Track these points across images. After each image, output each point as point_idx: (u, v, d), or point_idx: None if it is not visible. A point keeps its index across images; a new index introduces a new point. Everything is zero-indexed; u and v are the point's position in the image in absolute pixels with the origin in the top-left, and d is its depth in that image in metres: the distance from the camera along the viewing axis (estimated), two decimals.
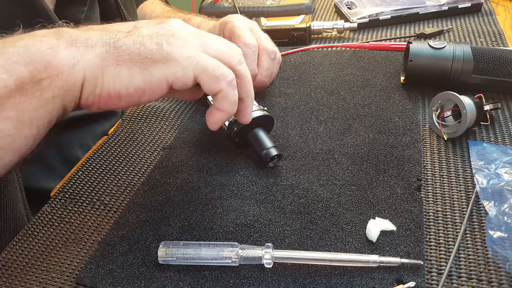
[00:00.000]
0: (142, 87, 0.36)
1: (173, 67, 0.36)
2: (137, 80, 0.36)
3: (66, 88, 0.34)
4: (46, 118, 0.34)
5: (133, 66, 0.35)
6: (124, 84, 0.36)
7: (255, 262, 0.39)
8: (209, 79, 0.38)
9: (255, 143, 0.51)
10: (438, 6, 0.83)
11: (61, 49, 0.33)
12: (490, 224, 0.41)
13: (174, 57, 0.36)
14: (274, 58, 0.61)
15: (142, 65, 0.36)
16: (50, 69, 0.33)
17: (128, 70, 0.35)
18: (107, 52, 0.35)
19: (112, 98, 0.36)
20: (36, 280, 0.41)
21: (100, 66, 0.35)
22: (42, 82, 0.32)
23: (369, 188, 0.47)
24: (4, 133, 0.31)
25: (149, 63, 0.36)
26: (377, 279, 0.38)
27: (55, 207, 0.49)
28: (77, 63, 0.34)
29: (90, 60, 0.34)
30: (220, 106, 0.41)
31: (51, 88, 0.33)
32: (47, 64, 0.32)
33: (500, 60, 0.57)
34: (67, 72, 0.33)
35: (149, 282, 0.39)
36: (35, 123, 0.33)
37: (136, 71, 0.36)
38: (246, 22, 0.61)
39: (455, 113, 0.53)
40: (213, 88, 0.39)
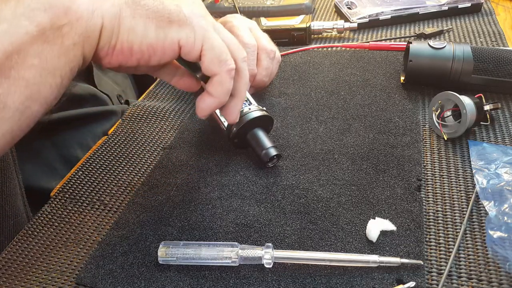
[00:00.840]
0: (155, 44, 0.36)
1: (187, 31, 0.37)
2: (150, 36, 0.36)
3: (85, 34, 0.34)
4: (68, 67, 0.34)
5: (149, 22, 0.36)
6: (137, 39, 0.36)
7: (255, 262, 0.39)
8: (212, 58, 0.38)
9: (254, 143, 0.51)
10: (438, 6, 0.82)
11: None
12: (490, 224, 0.41)
13: (190, 22, 0.37)
14: (273, 58, 0.61)
15: (158, 23, 0.36)
16: (69, 15, 0.33)
17: (143, 25, 0.36)
18: (125, 3, 0.35)
19: (125, 52, 0.36)
20: (36, 280, 0.41)
21: (117, 16, 0.35)
22: (63, 28, 0.33)
23: (369, 188, 0.47)
24: (31, 82, 0.32)
25: (165, 22, 0.36)
26: (377, 279, 0.38)
27: (55, 207, 0.49)
28: (96, 10, 0.34)
29: (109, 9, 0.35)
30: (212, 91, 0.40)
31: (71, 34, 0.33)
32: (67, 9, 0.33)
33: (500, 60, 0.57)
34: (86, 18, 0.34)
35: (149, 282, 0.39)
36: (58, 72, 0.33)
37: (151, 27, 0.36)
38: (245, 22, 0.61)
39: (455, 113, 0.53)
40: (212, 69, 0.39)
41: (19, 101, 0.32)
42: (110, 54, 0.36)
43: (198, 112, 0.42)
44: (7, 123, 0.32)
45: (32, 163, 0.63)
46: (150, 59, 0.37)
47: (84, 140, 0.68)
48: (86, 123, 0.69)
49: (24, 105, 0.32)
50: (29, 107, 0.33)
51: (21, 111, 0.32)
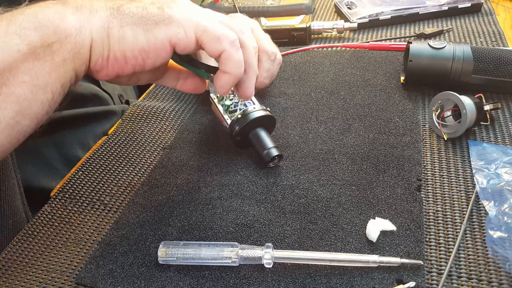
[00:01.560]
0: (146, 48, 0.37)
1: (174, 28, 0.37)
2: (140, 41, 0.37)
3: (75, 50, 0.35)
4: (59, 82, 0.35)
5: (136, 28, 0.37)
6: (128, 46, 0.37)
7: (255, 262, 0.39)
8: (211, 39, 0.38)
9: (256, 143, 0.51)
10: (438, 6, 0.82)
11: (68, 14, 0.35)
12: (490, 224, 0.41)
13: (175, 19, 0.37)
14: (274, 60, 0.61)
15: (145, 27, 0.37)
16: (59, 33, 0.34)
17: (132, 32, 0.37)
18: (111, 15, 0.37)
19: (119, 60, 0.37)
20: (36, 280, 0.41)
21: (105, 28, 0.36)
22: (53, 46, 0.34)
23: (369, 188, 0.47)
24: (21, 98, 0.33)
25: (152, 25, 0.37)
26: (377, 279, 0.38)
27: (55, 207, 0.49)
28: (84, 26, 0.36)
29: (96, 23, 0.36)
30: (225, 68, 0.40)
31: (61, 51, 0.34)
32: (56, 28, 0.34)
33: (500, 60, 0.57)
34: (75, 34, 0.35)
35: (149, 282, 0.39)
36: (49, 88, 0.34)
37: (139, 32, 0.37)
38: (247, 21, 0.61)
39: (455, 113, 0.53)
40: (215, 49, 0.39)
41: (10, 116, 0.33)
42: (105, 66, 0.37)
43: (218, 91, 0.42)
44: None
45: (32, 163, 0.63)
46: (145, 63, 0.38)
47: (85, 140, 0.68)
48: (87, 122, 0.69)
49: (14, 120, 0.33)
50: (19, 123, 0.33)
51: (12, 126, 0.33)
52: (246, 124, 0.50)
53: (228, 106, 0.53)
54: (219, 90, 0.42)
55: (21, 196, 0.54)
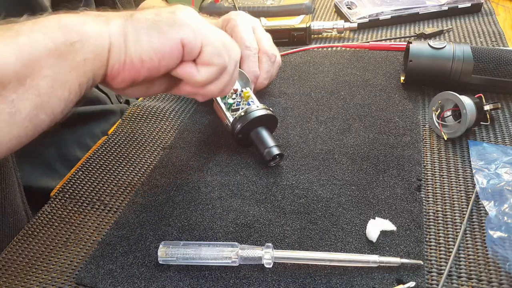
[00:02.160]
0: (161, 49, 0.39)
1: (186, 30, 0.39)
2: (155, 42, 0.39)
3: (96, 52, 0.37)
4: (77, 81, 0.36)
5: (151, 31, 0.39)
6: (144, 48, 0.38)
7: (255, 262, 0.39)
8: (212, 53, 0.41)
9: (257, 141, 0.51)
10: (438, 6, 0.82)
11: (88, 21, 0.38)
12: (490, 224, 0.41)
13: (186, 22, 0.40)
14: (274, 61, 0.61)
15: (159, 30, 0.39)
16: (80, 33, 0.36)
17: (146, 35, 0.39)
18: (126, 21, 0.39)
19: (135, 64, 0.39)
20: (36, 280, 0.41)
21: (122, 33, 0.38)
22: (75, 45, 0.35)
23: (369, 188, 0.47)
24: (42, 91, 0.34)
25: (165, 27, 0.39)
26: (377, 279, 0.38)
27: (55, 207, 0.49)
28: (103, 31, 0.38)
29: (113, 29, 0.38)
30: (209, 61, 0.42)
31: (82, 51, 0.36)
32: (78, 30, 0.36)
33: (500, 60, 0.57)
34: (96, 37, 0.37)
35: (149, 282, 0.39)
36: (68, 85, 0.36)
37: (154, 35, 0.39)
38: (249, 20, 0.61)
39: (455, 113, 0.53)
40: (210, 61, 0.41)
41: (30, 108, 0.34)
42: (122, 70, 0.39)
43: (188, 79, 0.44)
44: (16, 128, 0.34)
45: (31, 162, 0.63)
46: (160, 65, 0.40)
47: (83, 139, 0.68)
48: (85, 122, 0.69)
49: (33, 112, 0.34)
50: (38, 116, 0.35)
51: (30, 118, 0.34)
52: (249, 122, 0.50)
53: (230, 104, 0.53)
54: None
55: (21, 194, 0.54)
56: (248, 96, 0.53)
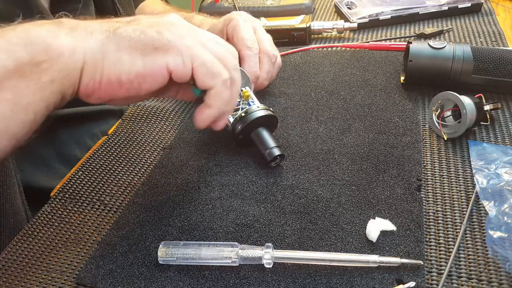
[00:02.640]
0: (143, 73, 0.36)
1: (174, 55, 0.37)
2: (138, 65, 0.36)
3: (65, 72, 0.34)
4: (43, 103, 0.33)
5: (134, 52, 0.36)
6: (125, 69, 0.36)
7: (255, 262, 0.39)
8: (206, 74, 0.39)
9: (258, 142, 0.51)
10: (438, 6, 0.83)
11: (61, 34, 0.34)
12: (490, 224, 0.41)
13: (174, 45, 0.37)
14: (274, 62, 0.61)
15: (143, 51, 0.36)
16: (50, 52, 0.33)
17: (128, 56, 0.36)
18: (107, 38, 0.35)
19: (113, 84, 0.36)
20: (36, 280, 0.41)
21: (100, 51, 0.35)
22: (42, 65, 0.32)
23: (369, 188, 0.47)
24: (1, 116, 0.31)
25: (150, 50, 0.36)
26: (377, 279, 0.38)
27: (55, 207, 0.49)
28: (78, 47, 0.34)
29: (90, 45, 0.35)
30: (210, 103, 0.41)
31: (50, 71, 0.33)
32: (48, 46, 0.33)
33: (500, 60, 0.57)
34: (68, 54, 0.34)
35: (149, 282, 0.39)
36: (31, 108, 0.33)
37: (137, 57, 0.36)
38: (250, 21, 0.62)
39: (455, 113, 0.53)
40: (207, 83, 0.39)
41: None
42: (97, 89, 0.36)
43: (197, 124, 0.43)
44: None
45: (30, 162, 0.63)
46: (141, 87, 0.37)
47: (81, 139, 0.68)
48: (83, 122, 0.69)
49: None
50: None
51: None
52: (249, 123, 0.50)
53: None
54: (199, 123, 0.42)
55: (21, 195, 0.54)
56: (248, 95, 0.53)
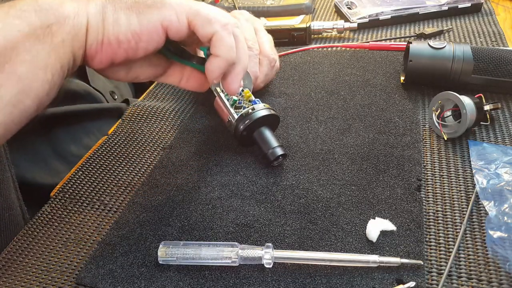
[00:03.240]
0: (139, 30, 0.39)
1: (167, 11, 0.39)
2: (133, 24, 0.38)
3: (73, 32, 0.37)
4: (58, 63, 0.36)
5: (130, 11, 0.38)
6: (122, 29, 0.38)
7: (255, 262, 0.39)
8: (203, 21, 0.39)
9: (261, 141, 0.51)
10: (438, 6, 0.82)
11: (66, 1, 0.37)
12: (490, 224, 0.41)
13: (167, 2, 0.39)
14: (273, 66, 0.61)
15: (138, 10, 0.38)
16: (57, 15, 0.36)
17: (125, 15, 0.38)
18: (106, 1, 0.39)
19: (112, 44, 0.38)
20: (36, 280, 0.41)
21: (100, 13, 0.38)
22: (52, 27, 0.35)
23: (369, 188, 0.47)
24: (23, 76, 0.34)
25: (144, 8, 0.38)
26: (377, 279, 0.38)
27: (55, 207, 0.49)
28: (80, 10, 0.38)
29: (92, 8, 0.38)
30: (216, 51, 0.41)
31: (60, 32, 0.36)
32: (55, 11, 0.36)
33: (500, 60, 0.57)
34: (73, 17, 0.37)
35: (149, 282, 0.39)
36: (49, 68, 0.36)
37: (132, 16, 0.38)
38: (252, 21, 0.62)
39: (455, 113, 0.53)
40: (207, 31, 0.40)
41: (12, 94, 0.34)
42: (99, 50, 0.39)
43: (208, 76, 0.43)
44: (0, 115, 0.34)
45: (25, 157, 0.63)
46: (138, 47, 0.39)
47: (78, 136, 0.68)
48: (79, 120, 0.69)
49: (16, 98, 0.34)
50: (22, 101, 0.34)
51: (13, 104, 0.34)
52: (255, 120, 0.50)
53: (235, 101, 0.53)
54: (210, 74, 0.43)
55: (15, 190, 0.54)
56: (249, 95, 0.53)
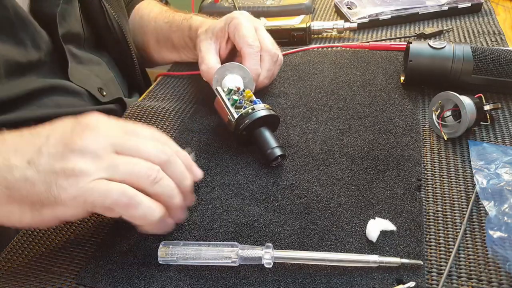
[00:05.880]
0: (34, 224, 0.39)
1: (61, 209, 0.36)
2: (27, 218, 0.37)
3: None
4: None
5: (23, 205, 0.36)
6: (16, 220, 0.37)
7: (255, 262, 0.39)
8: (104, 211, 0.37)
9: (260, 141, 0.51)
10: (438, 6, 0.82)
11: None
12: (490, 224, 0.41)
13: (60, 201, 0.35)
14: (276, 61, 0.62)
15: (32, 206, 0.36)
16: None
17: (18, 209, 0.37)
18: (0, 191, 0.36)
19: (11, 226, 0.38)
20: (36, 280, 0.41)
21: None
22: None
23: (369, 188, 0.47)
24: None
25: (38, 205, 0.36)
26: (377, 279, 0.38)
27: None
28: None
29: None
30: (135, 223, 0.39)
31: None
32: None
33: (500, 60, 0.57)
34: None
35: (149, 282, 0.39)
36: None
37: (26, 210, 0.37)
38: (252, 20, 0.62)
39: (455, 113, 0.53)
40: (115, 215, 0.37)
41: None
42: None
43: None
44: None
45: None
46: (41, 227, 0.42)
47: None
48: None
49: None
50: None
51: None
52: (255, 120, 0.50)
53: (235, 100, 0.54)
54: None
55: None
56: (250, 95, 0.54)
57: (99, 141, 0.36)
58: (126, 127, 0.39)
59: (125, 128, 0.39)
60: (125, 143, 0.38)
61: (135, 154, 0.37)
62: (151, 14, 0.80)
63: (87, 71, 0.67)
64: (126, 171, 0.36)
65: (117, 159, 0.37)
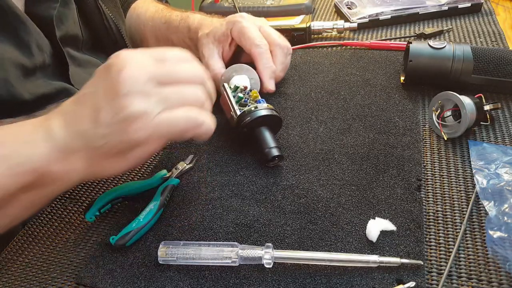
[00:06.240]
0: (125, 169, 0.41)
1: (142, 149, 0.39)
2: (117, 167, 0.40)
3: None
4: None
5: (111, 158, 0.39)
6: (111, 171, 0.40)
7: (255, 262, 0.39)
8: (177, 137, 0.40)
9: (260, 140, 0.51)
10: (438, 6, 0.83)
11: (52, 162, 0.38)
12: (490, 224, 0.41)
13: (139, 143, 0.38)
14: (287, 53, 0.63)
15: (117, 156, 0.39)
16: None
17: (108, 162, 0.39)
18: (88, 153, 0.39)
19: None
20: (36, 280, 0.41)
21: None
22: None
23: (369, 188, 0.47)
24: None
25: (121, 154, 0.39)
26: (377, 279, 0.38)
27: (55, 207, 0.49)
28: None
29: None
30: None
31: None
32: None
33: (500, 60, 0.57)
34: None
35: (149, 282, 0.39)
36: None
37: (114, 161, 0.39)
38: (254, 20, 0.62)
39: (455, 113, 0.53)
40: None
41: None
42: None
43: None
44: None
45: None
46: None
47: None
48: None
49: None
50: None
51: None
52: (257, 118, 0.51)
53: (240, 98, 0.54)
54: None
55: None
56: (256, 96, 0.54)
57: (139, 78, 0.37)
58: (152, 55, 0.40)
59: (153, 56, 0.40)
60: (162, 72, 0.39)
61: (176, 81, 0.40)
62: (147, 13, 0.79)
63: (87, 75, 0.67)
64: (179, 100, 0.39)
65: (164, 91, 0.39)
